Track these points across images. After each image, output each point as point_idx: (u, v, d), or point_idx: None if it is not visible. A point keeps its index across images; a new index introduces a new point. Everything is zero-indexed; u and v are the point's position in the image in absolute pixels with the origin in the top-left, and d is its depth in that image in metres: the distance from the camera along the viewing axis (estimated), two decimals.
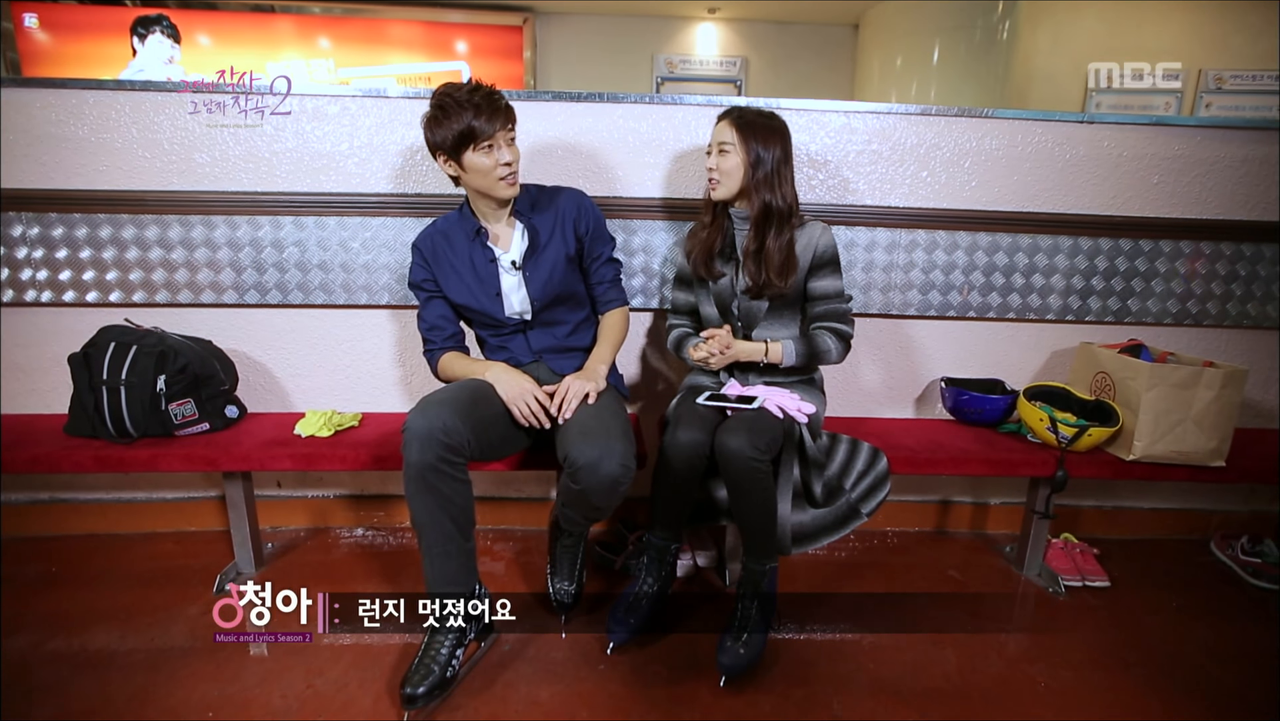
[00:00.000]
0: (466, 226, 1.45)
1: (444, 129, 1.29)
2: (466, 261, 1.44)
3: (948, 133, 1.72)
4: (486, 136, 1.29)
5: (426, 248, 1.46)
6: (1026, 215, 1.76)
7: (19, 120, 1.60)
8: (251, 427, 1.64)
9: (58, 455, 1.49)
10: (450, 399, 1.29)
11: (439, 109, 1.30)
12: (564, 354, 1.51)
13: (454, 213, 1.48)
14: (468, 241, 1.44)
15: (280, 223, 1.68)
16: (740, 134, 1.38)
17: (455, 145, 1.30)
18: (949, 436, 1.71)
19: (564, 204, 1.46)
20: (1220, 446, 1.57)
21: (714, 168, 1.42)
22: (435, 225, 1.49)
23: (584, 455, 1.20)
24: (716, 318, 1.51)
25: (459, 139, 1.29)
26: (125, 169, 1.64)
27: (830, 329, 1.46)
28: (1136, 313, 1.84)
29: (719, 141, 1.41)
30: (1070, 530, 1.89)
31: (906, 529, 1.99)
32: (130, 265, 1.68)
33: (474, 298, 1.44)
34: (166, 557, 1.75)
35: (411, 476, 1.22)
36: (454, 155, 1.32)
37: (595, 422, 1.28)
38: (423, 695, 1.18)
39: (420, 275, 1.47)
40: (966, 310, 1.81)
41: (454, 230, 1.46)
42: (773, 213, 1.41)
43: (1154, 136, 1.76)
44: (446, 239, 1.46)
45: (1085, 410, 1.63)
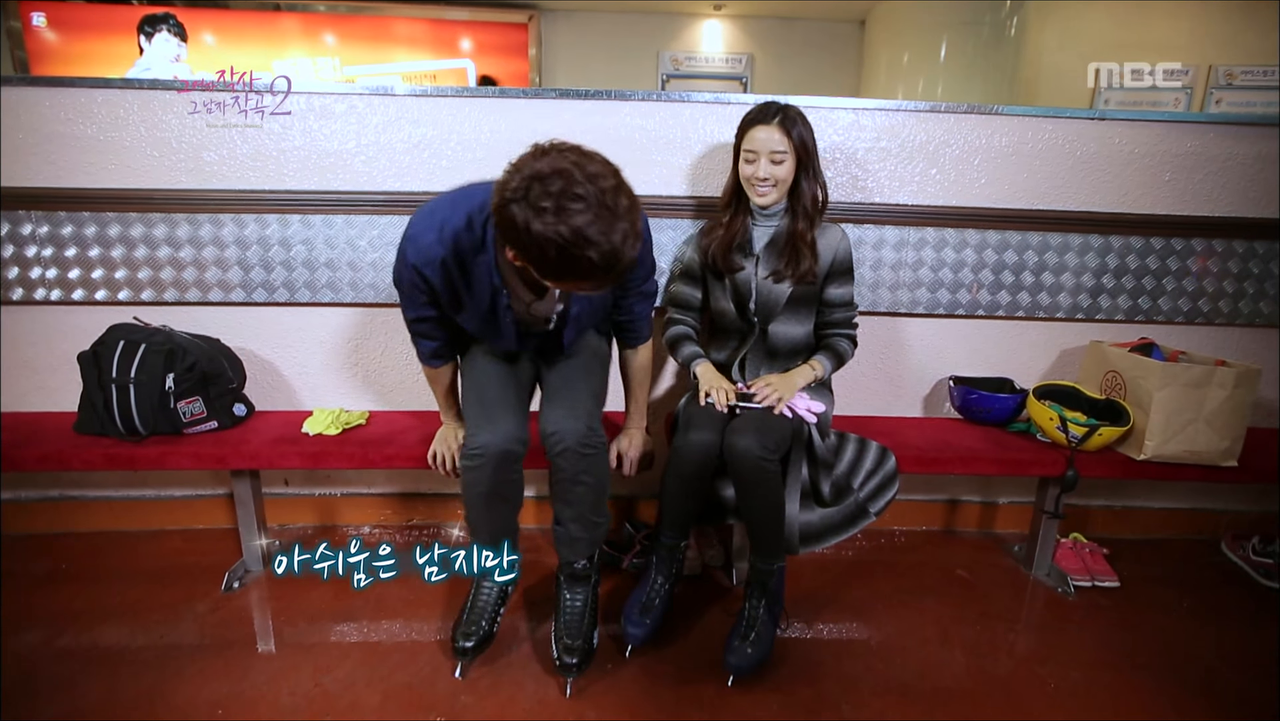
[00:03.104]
0: (488, 268, 1.17)
1: (545, 249, 0.94)
2: (485, 306, 1.22)
3: (957, 130, 1.71)
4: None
5: (438, 280, 1.16)
6: (1036, 213, 1.75)
7: (28, 119, 1.61)
8: (259, 426, 1.64)
9: (67, 453, 1.49)
10: (499, 397, 1.30)
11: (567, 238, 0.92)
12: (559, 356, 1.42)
13: (464, 229, 1.14)
14: (488, 285, 1.19)
15: (288, 221, 1.68)
16: (791, 138, 1.37)
17: (537, 262, 0.99)
18: (957, 435, 1.70)
19: None
20: (1233, 446, 1.56)
21: (767, 178, 1.38)
22: (440, 243, 1.13)
23: (552, 423, 1.27)
24: (732, 312, 1.50)
25: (545, 268, 0.99)
26: (134, 167, 1.64)
27: (845, 335, 1.52)
28: (1147, 311, 1.83)
29: (771, 151, 1.36)
30: (1080, 530, 1.88)
31: (914, 528, 1.98)
32: (139, 263, 1.68)
33: (485, 330, 1.29)
34: (175, 555, 1.75)
35: (480, 493, 1.27)
36: (525, 258, 1.01)
37: (565, 387, 1.33)
38: (472, 648, 1.29)
39: (420, 310, 1.24)
40: (976, 309, 1.80)
41: (468, 260, 1.16)
42: (818, 202, 1.43)
43: (1166, 133, 1.74)
44: (462, 270, 1.17)
45: (1095, 409, 1.62)
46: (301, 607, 1.53)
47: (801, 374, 1.46)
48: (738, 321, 1.50)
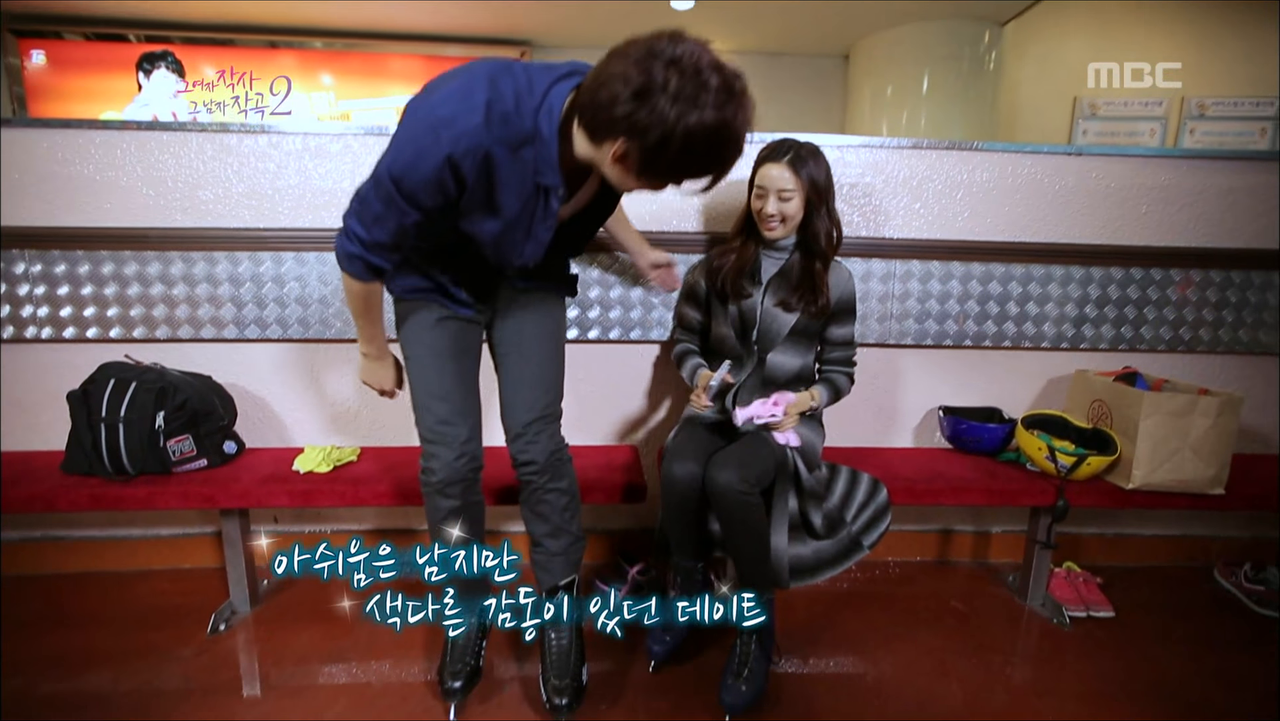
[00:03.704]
0: (538, 164, 0.98)
1: (679, 151, 0.88)
2: (518, 210, 1.03)
3: (939, 165, 1.76)
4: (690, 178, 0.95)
5: (474, 175, 0.96)
6: (1019, 245, 1.79)
7: (26, 160, 1.63)
8: (250, 463, 1.63)
9: (54, 493, 1.48)
10: (453, 390, 1.21)
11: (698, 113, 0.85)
12: (532, 278, 1.26)
13: (513, 113, 0.95)
14: (530, 180, 1.00)
15: (281, 258, 1.69)
16: (801, 177, 1.38)
17: (667, 170, 0.92)
18: (948, 466, 1.71)
19: None
20: (1219, 474, 1.57)
21: (775, 213, 1.41)
22: (488, 128, 0.93)
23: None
24: (733, 340, 1.51)
25: (678, 171, 0.92)
26: (129, 206, 1.66)
27: (845, 372, 1.54)
28: (1130, 340, 1.86)
29: (779, 189, 1.39)
30: (1072, 558, 1.88)
31: (908, 559, 1.98)
32: (131, 301, 1.69)
33: (498, 243, 1.08)
34: (161, 596, 1.72)
35: (438, 515, 1.25)
36: (650, 175, 0.93)
37: (527, 378, 1.29)
38: (460, 688, 1.26)
39: (435, 201, 0.97)
40: (963, 339, 1.83)
41: (512, 148, 0.96)
42: (829, 240, 1.44)
43: (1140, 167, 1.79)
44: (501, 158, 0.97)
45: (1083, 438, 1.64)
46: (289, 649, 1.50)
47: (800, 400, 1.47)
48: (737, 348, 1.51)
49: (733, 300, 1.49)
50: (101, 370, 1.56)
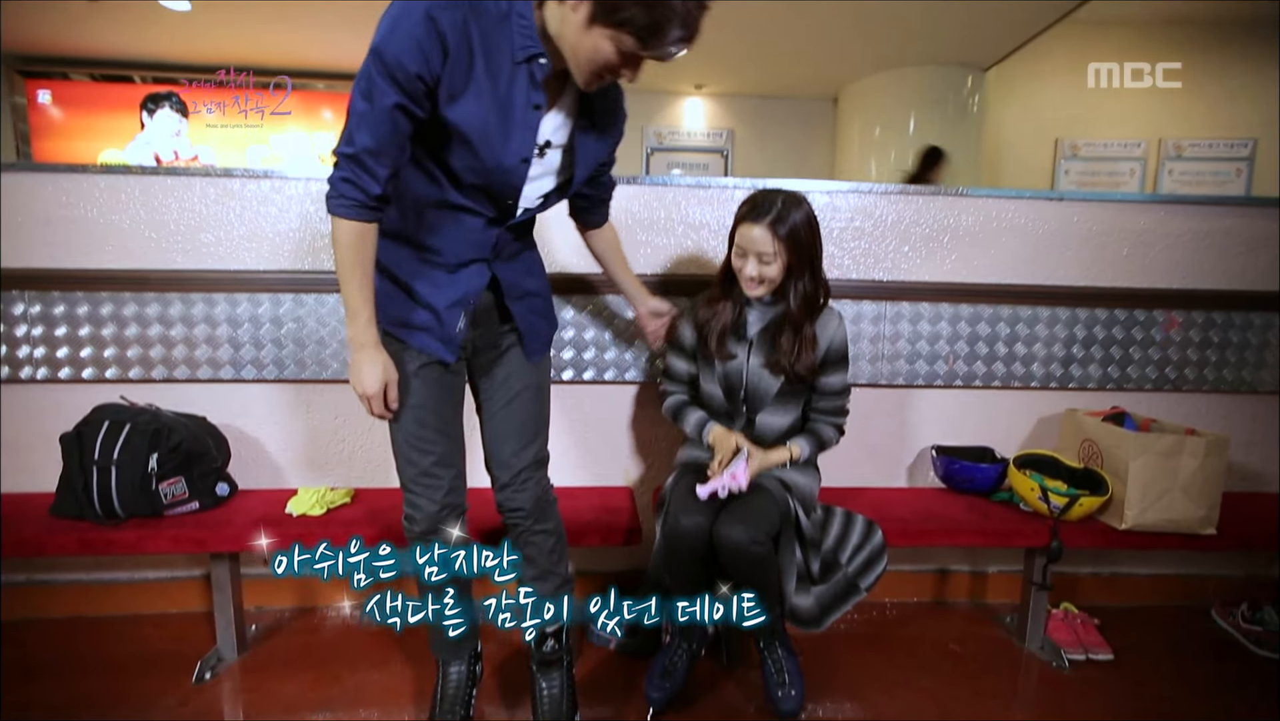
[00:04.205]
0: (515, 40, 0.97)
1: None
2: (499, 89, 0.99)
3: (926, 210, 1.81)
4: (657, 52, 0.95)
5: (452, 27, 0.92)
6: (1005, 287, 1.83)
7: (30, 203, 1.65)
8: (242, 506, 1.62)
9: (42, 538, 1.46)
10: (431, 438, 1.18)
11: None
12: (522, 297, 1.24)
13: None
14: (507, 61, 0.98)
15: (280, 299, 1.71)
16: (782, 242, 1.31)
17: (615, 14, 0.90)
18: (942, 506, 1.71)
19: (614, 91, 1.18)
20: (1210, 514, 1.59)
21: (755, 276, 1.34)
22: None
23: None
24: (719, 397, 1.48)
25: (627, 18, 0.90)
26: (131, 248, 1.68)
27: (832, 423, 1.49)
28: (1118, 379, 1.89)
29: (759, 252, 1.32)
30: (1069, 598, 1.87)
31: (905, 599, 1.96)
32: (129, 342, 1.70)
33: (489, 140, 1.00)
34: (146, 642, 1.69)
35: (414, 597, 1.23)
36: (600, 20, 0.91)
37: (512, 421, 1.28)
38: None
39: (416, 65, 0.91)
40: (953, 379, 1.85)
41: (490, 26, 0.95)
42: (812, 303, 1.38)
43: (1120, 212, 1.85)
44: (481, 30, 0.95)
45: (1075, 478, 1.65)
46: (275, 699, 1.46)
47: (778, 454, 1.43)
48: (725, 406, 1.48)
49: (719, 361, 1.45)
50: (96, 411, 1.56)
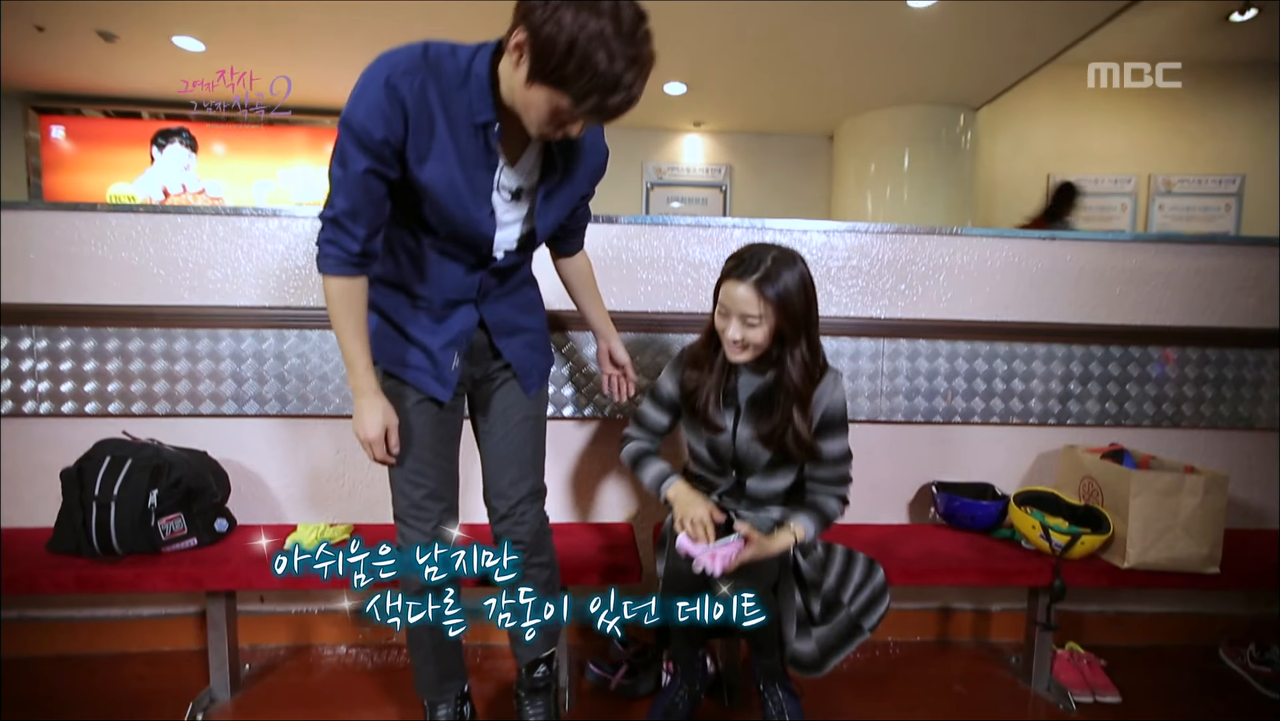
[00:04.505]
0: (473, 103, 1.00)
1: (564, 52, 0.87)
2: (462, 147, 1.02)
3: (921, 249, 1.84)
4: (582, 112, 0.93)
5: (411, 91, 0.96)
6: (1001, 324, 1.85)
7: (44, 241, 1.68)
8: (240, 542, 1.61)
9: (37, 575, 1.44)
10: (425, 472, 1.20)
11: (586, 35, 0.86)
12: (513, 333, 1.24)
13: (448, 54, 1.00)
14: (467, 123, 1.01)
15: (284, 335, 1.73)
16: (769, 303, 1.18)
17: (550, 74, 0.89)
18: (944, 544, 1.70)
19: (587, 134, 1.13)
20: (1212, 552, 1.58)
21: (738, 340, 1.20)
22: (424, 58, 0.98)
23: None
24: (708, 458, 1.39)
25: (560, 78, 0.89)
26: (139, 285, 1.70)
27: (835, 495, 1.35)
28: (1116, 415, 1.90)
29: (743, 313, 1.18)
30: (1075, 637, 1.85)
31: (908, 638, 1.94)
32: (133, 376, 1.71)
33: (457, 197, 1.04)
34: (137, 681, 1.66)
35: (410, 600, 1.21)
36: (537, 78, 0.91)
37: (509, 456, 1.29)
38: None
39: (381, 131, 0.96)
40: (952, 415, 1.86)
41: (453, 88, 0.99)
42: (810, 375, 1.24)
43: (1111, 251, 1.88)
44: (441, 95, 0.99)
45: (1076, 515, 1.64)
46: None
47: (780, 542, 1.27)
48: (714, 467, 1.40)
49: (706, 432, 1.35)
50: (98, 447, 1.56)
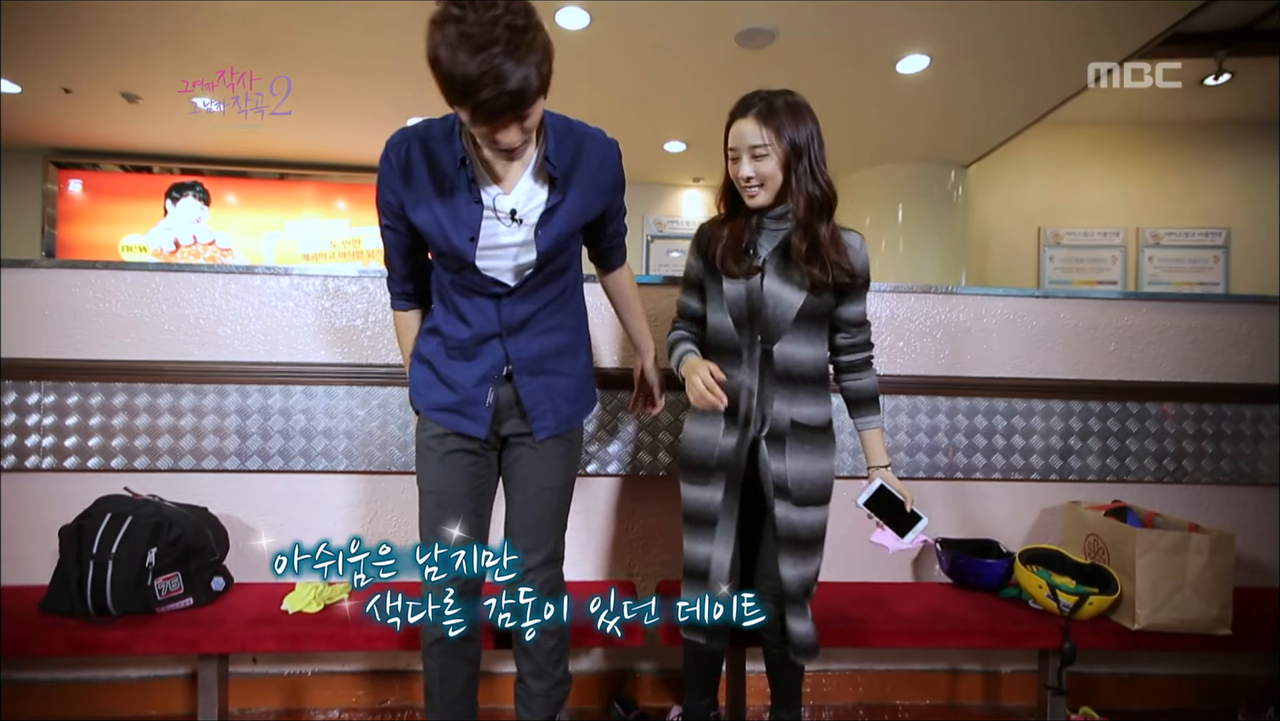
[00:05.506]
0: (452, 147, 1.11)
1: (433, 71, 0.92)
2: (444, 188, 1.12)
3: (918, 307, 1.88)
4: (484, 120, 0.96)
5: (398, 157, 1.12)
6: (999, 380, 1.88)
7: (58, 297, 1.71)
8: (237, 602, 1.58)
9: (29, 637, 1.41)
10: (452, 525, 1.21)
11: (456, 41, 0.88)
12: (536, 374, 1.25)
13: (437, 120, 1.14)
14: (452, 163, 1.11)
15: (290, 391, 1.74)
16: (773, 130, 1.21)
17: (443, 95, 0.95)
18: (950, 603, 1.68)
19: (592, 149, 1.18)
20: (1223, 613, 1.55)
21: (751, 176, 1.23)
22: (414, 130, 1.13)
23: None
24: (729, 327, 1.31)
25: (446, 94, 0.95)
26: (150, 341, 1.73)
27: (869, 359, 1.39)
28: (1118, 471, 1.90)
29: (750, 146, 1.22)
30: (1088, 700, 1.80)
31: (917, 701, 1.88)
32: (137, 431, 1.72)
33: (440, 228, 1.14)
34: None
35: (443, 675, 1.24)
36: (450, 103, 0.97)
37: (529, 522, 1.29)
38: None
39: (384, 195, 1.15)
40: (954, 471, 1.87)
41: (438, 142, 1.12)
42: (819, 205, 1.25)
43: (1103, 309, 1.92)
44: (425, 151, 1.12)
45: (1082, 574, 1.63)
46: None
47: (883, 456, 1.41)
48: (735, 339, 1.31)
49: (729, 277, 1.30)
50: (99, 503, 1.55)
